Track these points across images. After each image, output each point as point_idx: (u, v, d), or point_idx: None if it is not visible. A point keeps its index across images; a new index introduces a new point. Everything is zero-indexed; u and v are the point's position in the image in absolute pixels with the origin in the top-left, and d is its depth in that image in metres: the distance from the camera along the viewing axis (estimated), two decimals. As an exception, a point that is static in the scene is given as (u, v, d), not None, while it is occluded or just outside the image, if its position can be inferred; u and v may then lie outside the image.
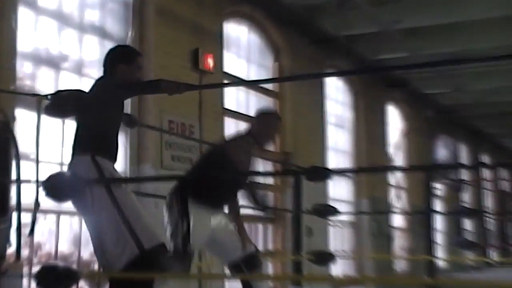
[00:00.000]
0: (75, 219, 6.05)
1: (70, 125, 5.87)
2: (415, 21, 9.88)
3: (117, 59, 3.41)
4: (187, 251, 3.77)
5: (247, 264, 4.08)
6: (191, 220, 3.83)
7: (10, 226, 4.78)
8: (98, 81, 3.40)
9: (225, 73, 8.30)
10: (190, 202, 3.84)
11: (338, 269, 10.99)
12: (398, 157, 14.56)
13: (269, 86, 9.68)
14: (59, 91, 3.63)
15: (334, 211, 5.92)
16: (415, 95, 14.30)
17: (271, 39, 9.78)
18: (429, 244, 10.34)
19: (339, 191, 11.43)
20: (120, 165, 6.58)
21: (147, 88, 3.55)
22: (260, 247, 9.11)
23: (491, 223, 20.03)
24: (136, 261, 2.94)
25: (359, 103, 12.43)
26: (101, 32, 6.60)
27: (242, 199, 4.22)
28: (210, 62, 7.68)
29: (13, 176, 4.88)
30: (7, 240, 4.74)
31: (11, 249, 4.86)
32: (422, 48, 10.69)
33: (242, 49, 9.15)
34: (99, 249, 3.05)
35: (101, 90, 3.25)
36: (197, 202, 3.86)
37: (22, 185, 4.88)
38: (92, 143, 3.14)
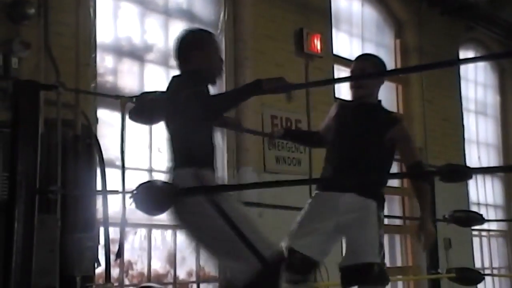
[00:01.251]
0: (169, 233, 6.25)
1: (159, 126, 6.11)
2: None
3: (189, 46, 3.46)
4: None
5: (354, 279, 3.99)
6: None
7: (97, 243, 5.04)
8: (176, 78, 3.46)
9: (336, 56, 8.26)
10: None
11: (488, 290, 10.66)
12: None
13: (389, 67, 9.50)
14: (144, 93, 3.77)
15: (480, 219, 5.73)
16: None
17: (391, 12, 9.64)
18: None
19: (485, 193, 11.06)
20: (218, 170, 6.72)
21: (242, 96, 3.42)
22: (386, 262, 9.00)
23: None
24: (260, 276, 3.02)
25: (507, 84, 11.98)
26: (189, 16, 6.77)
27: None
28: (318, 44, 7.68)
29: (98, 186, 5.14)
30: (95, 259, 4.99)
31: (99, 269, 5.11)
32: None
33: (355, 27, 9.07)
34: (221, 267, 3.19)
35: (190, 98, 3.29)
36: None
37: (109, 196, 5.13)
38: (191, 154, 3.22)
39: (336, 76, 8.23)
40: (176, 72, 3.51)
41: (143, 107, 3.69)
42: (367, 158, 4.04)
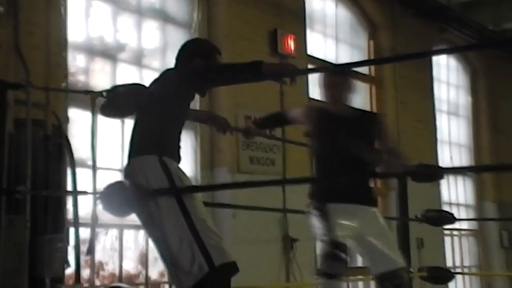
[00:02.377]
0: (141, 233, 6.21)
1: (130, 125, 6.06)
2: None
3: (194, 52, 3.49)
4: None
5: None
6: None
7: (67, 243, 4.98)
8: (168, 71, 3.47)
9: (310, 56, 8.27)
10: None
11: (459, 289, 10.75)
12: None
13: (363, 69, 9.55)
14: (116, 87, 3.72)
15: (451, 218, 5.74)
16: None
17: (365, 14, 9.67)
18: None
19: (456, 193, 11.15)
20: (190, 169, 6.70)
21: (242, 73, 3.17)
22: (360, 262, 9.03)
23: None
24: (205, 280, 2.99)
25: (479, 85, 12.10)
26: (162, 16, 6.74)
27: None
28: (291, 44, 7.69)
29: (69, 186, 5.09)
30: (64, 260, 4.94)
31: (69, 270, 5.06)
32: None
33: (329, 27, 9.09)
34: (170, 266, 3.13)
35: (175, 80, 3.30)
36: None
37: (79, 197, 5.08)
38: (158, 143, 3.20)
39: (309, 77, 8.24)
40: (150, 72, 3.51)
41: (114, 100, 3.63)
42: (365, 167, 4.14)
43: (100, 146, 5.44)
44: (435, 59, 10.97)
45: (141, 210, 3.15)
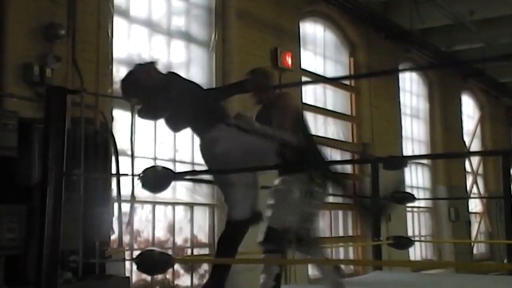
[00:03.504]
0: (169, 208, 6.19)
1: (160, 124, 6.04)
2: (490, 11, 9.40)
3: None
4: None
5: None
6: None
7: (112, 216, 4.98)
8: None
9: (303, 69, 8.22)
10: None
11: (416, 253, 10.72)
12: (474, 146, 14.00)
13: (345, 80, 9.53)
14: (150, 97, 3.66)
15: (412, 198, 5.72)
16: (491, 84, 13.62)
17: (347, 36, 9.60)
18: (509, 228, 9.92)
19: (416, 178, 11.11)
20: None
21: (234, 89, 3.70)
22: (341, 233, 9.01)
23: None
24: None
25: (434, 94, 12.02)
26: (187, 37, 6.70)
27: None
28: (289, 60, 7.63)
29: (113, 170, 5.08)
30: (110, 228, 4.94)
31: (113, 236, 5.05)
32: (498, 38, 10.17)
33: (319, 47, 9.03)
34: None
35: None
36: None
37: (121, 179, 5.07)
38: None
39: (303, 87, 8.20)
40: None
41: (148, 107, 3.60)
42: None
43: (137, 139, 5.45)
44: (401, 73, 10.91)
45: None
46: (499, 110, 14.95)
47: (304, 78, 8.17)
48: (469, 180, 13.38)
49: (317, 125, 8.69)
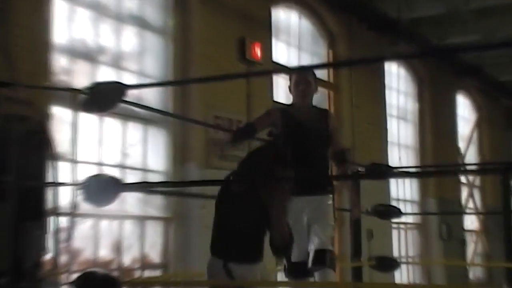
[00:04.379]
0: (116, 223, 6.15)
1: (108, 122, 6.01)
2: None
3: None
4: None
5: None
6: None
7: (46, 231, 4.91)
8: None
9: (275, 62, 8.27)
10: None
11: (403, 276, 10.87)
12: (470, 153, 14.27)
13: (322, 76, 9.60)
14: (96, 84, 3.66)
15: (398, 212, 5.82)
16: (489, 83, 13.93)
17: (325, 25, 9.70)
18: (509, 248, 10.10)
19: (403, 191, 11.27)
20: (163, 164, 6.67)
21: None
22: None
23: None
24: None
25: (424, 93, 12.23)
26: (140, 22, 6.67)
27: None
28: (258, 51, 7.68)
29: (49, 178, 5.02)
30: (43, 247, 4.87)
31: (48, 256, 4.99)
32: (496, 30, 10.40)
33: (293, 37, 9.10)
34: None
35: None
36: None
37: (59, 188, 5.01)
38: None
39: (274, 83, 8.25)
40: (128, 74, 3.47)
41: (94, 96, 3.58)
42: (327, 158, 4.44)
43: (80, 141, 5.41)
44: (387, 68, 11.06)
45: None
46: (498, 112, 15.28)
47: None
48: (464, 192, 13.64)
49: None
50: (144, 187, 5.69)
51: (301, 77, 4.42)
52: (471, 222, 13.82)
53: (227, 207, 3.19)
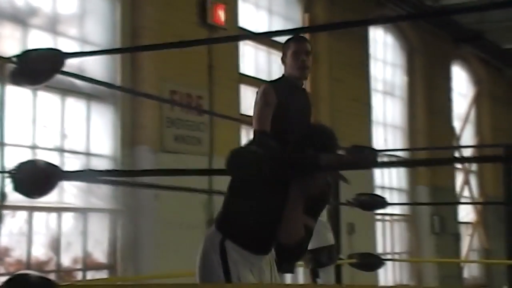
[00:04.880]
0: (53, 216, 6.12)
1: (42, 97, 5.94)
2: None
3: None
4: None
5: None
6: None
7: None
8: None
9: (241, 28, 8.26)
10: None
11: (388, 276, 11.03)
12: (467, 133, 14.48)
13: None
14: (27, 51, 3.62)
15: (383, 202, 5.89)
16: (491, 51, 14.10)
17: (300, -17, 9.73)
18: (510, 243, 10.28)
19: (390, 177, 11.39)
20: (109, 147, 6.64)
21: None
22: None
23: None
24: None
25: (415, 65, 12.36)
26: (81, -21, 6.61)
27: None
28: (222, 15, 7.66)
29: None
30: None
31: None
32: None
33: (263, -2, 9.11)
34: None
35: None
36: None
37: (-15, 175, 4.96)
38: None
39: (240, 50, 8.24)
40: (66, 40, 3.42)
41: (26, 66, 3.54)
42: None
43: (9, 121, 5.34)
44: (372, 35, 11.11)
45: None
46: (501, 85, 15.45)
47: (243, 42, 8.23)
48: (459, 179, 13.85)
49: (260, 104, 8.78)
50: (87, 175, 5.66)
51: (302, 46, 4.37)
52: (466, 213, 14.02)
53: (249, 186, 3.13)
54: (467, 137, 14.50)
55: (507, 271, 9.04)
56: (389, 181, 11.38)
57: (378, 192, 9.85)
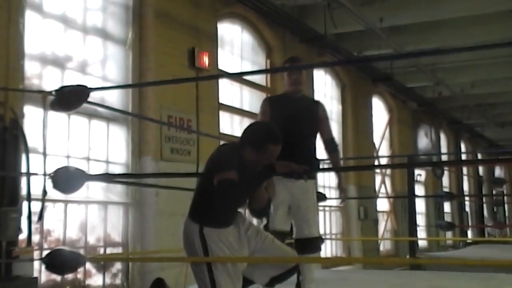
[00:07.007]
0: (82, 207, 6.10)
1: (75, 120, 5.94)
2: (399, 19, 9.94)
3: (248, 141, 3.05)
4: None
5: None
6: None
7: (20, 215, 4.86)
8: (222, 147, 3.27)
9: (220, 70, 8.31)
10: None
11: (327, 250, 11.12)
12: (383, 147, 14.66)
13: (261, 81, 9.72)
14: (63, 87, 3.65)
15: (324, 197, 5.96)
16: (399, 88, 14.35)
17: (263, 38, 9.80)
18: (412, 226, 10.51)
19: (328, 179, 11.49)
20: (123, 157, 6.64)
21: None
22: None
23: (468, 205, 20.26)
24: None
25: (346, 97, 12.48)
26: (103, 34, 6.61)
27: None
28: (206, 60, 7.70)
29: (23, 169, 4.95)
30: (18, 228, 4.81)
31: (22, 236, 4.93)
32: (405, 45, 10.75)
33: (236, 48, 9.16)
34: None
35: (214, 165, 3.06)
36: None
37: (31, 177, 4.95)
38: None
39: (220, 86, 8.29)
40: (92, 78, 3.42)
41: (62, 97, 3.56)
42: (314, 145, 4.26)
43: (49, 137, 5.35)
44: (316, 76, 11.22)
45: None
46: (406, 113, 15.75)
47: (221, 79, 8.27)
48: (378, 180, 14.01)
49: (233, 125, 8.83)
50: (106, 177, 5.69)
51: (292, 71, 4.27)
52: (383, 204, 14.19)
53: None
54: (383, 149, 14.67)
55: (409, 245, 9.16)
56: (328, 181, 11.45)
57: (321, 190, 9.94)
